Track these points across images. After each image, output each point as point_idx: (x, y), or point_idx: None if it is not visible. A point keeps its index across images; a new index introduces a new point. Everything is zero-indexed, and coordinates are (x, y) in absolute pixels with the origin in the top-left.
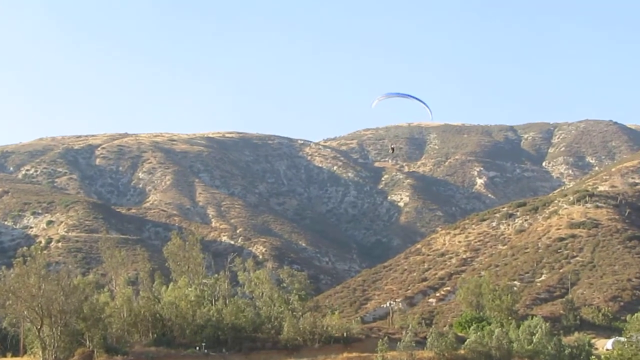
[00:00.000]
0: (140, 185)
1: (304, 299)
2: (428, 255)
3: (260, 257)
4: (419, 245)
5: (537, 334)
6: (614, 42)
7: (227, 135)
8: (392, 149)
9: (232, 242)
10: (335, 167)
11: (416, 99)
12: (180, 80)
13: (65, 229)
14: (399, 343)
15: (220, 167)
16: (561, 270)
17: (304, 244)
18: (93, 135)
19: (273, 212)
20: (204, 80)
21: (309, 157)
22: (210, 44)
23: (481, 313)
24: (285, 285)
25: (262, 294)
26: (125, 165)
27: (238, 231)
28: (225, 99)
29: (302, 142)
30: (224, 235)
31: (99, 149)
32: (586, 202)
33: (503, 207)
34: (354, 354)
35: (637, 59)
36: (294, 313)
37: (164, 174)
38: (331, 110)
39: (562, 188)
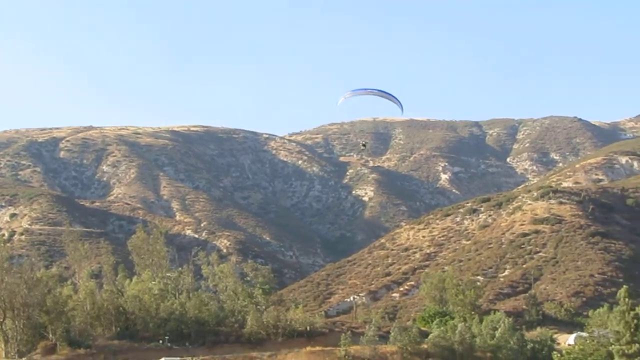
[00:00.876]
0: (105, 179)
1: (267, 293)
2: (392, 250)
3: (224, 250)
4: (383, 240)
5: (499, 329)
6: (579, 38)
7: (192, 128)
8: (364, 145)
9: (196, 236)
10: (300, 162)
11: (385, 93)
12: (144, 73)
13: (28, 222)
14: (362, 337)
15: (185, 160)
16: (524, 266)
17: (268, 238)
18: (57, 128)
19: (237, 206)
20: (168, 72)
21: (273, 151)
22: (175, 36)
23: (444, 308)
24: (249, 279)
25: (226, 287)
26: (90, 158)
27: (202, 225)
28: (191, 93)
29: (267, 136)
30: (188, 229)
31: (63, 141)
32: (550, 198)
33: (467, 203)
34: (318, 348)
35: (602, 56)
36: (258, 307)
37: (129, 167)
38: (297, 105)
39: (526, 184)
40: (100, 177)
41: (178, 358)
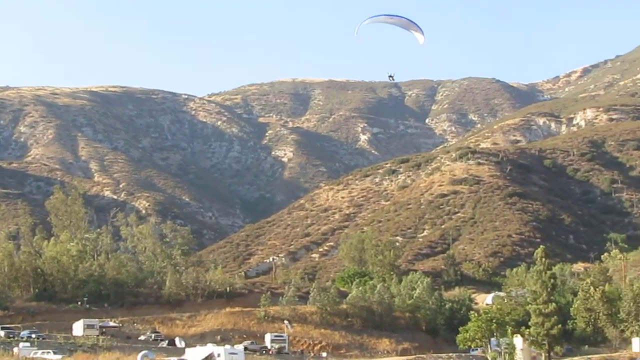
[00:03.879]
0: (22, 139)
1: (187, 254)
2: (311, 210)
3: (144, 211)
4: (302, 201)
5: (418, 289)
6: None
7: (110, 89)
8: (391, 77)
9: (115, 197)
10: (219, 122)
11: (405, 19)
12: (61, 32)
13: None
14: (281, 298)
15: (103, 121)
16: (443, 226)
17: (187, 199)
18: None
19: (156, 167)
20: (86, 31)
21: (193, 112)
22: None
23: (363, 268)
24: (168, 240)
25: (145, 248)
26: (7, 118)
27: (121, 186)
28: (108, 52)
29: (186, 96)
30: (106, 190)
31: None
32: (468, 159)
33: (386, 163)
34: (237, 309)
35: (519, 18)
36: (177, 268)
37: (46, 127)
38: (216, 65)
39: (445, 145)
40: (17, 137)
41: (97, 320)
